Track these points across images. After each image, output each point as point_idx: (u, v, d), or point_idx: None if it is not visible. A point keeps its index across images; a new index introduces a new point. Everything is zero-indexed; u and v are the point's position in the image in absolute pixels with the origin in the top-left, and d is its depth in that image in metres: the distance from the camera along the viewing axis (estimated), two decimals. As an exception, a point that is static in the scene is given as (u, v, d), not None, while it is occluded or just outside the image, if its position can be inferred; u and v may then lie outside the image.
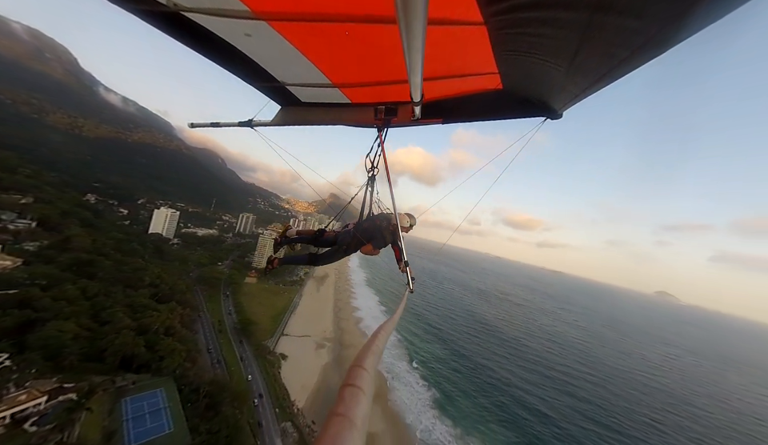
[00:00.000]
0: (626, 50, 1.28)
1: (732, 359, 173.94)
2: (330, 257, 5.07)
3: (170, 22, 1.94)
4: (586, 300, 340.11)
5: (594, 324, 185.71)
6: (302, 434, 45.63)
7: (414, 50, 1.00)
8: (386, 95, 3.09)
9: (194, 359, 42.40)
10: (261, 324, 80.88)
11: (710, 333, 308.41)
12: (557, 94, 2.15)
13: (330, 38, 2.04)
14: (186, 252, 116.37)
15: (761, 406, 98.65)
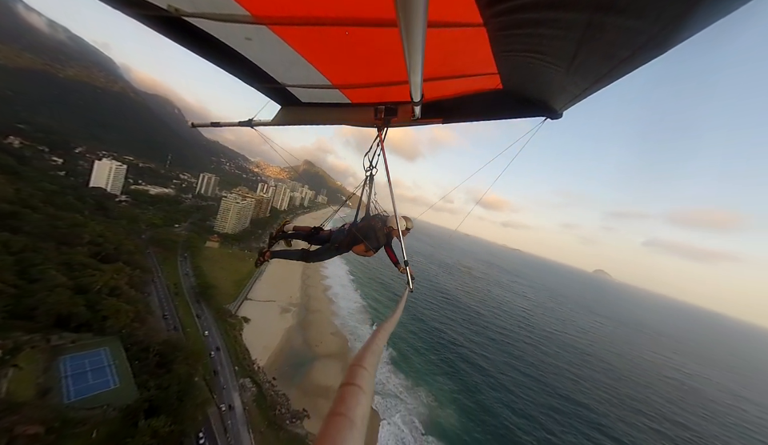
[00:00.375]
0: (627, 51, 1.27)
1: (645, 327, 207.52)
2: (321, 255, 5.06)
3: (171, 27, 1.93)
4: (536, 275, 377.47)
5: (538, 295, 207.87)
6: (261, 389, 47.52)
7: (414, 51, 1.01)
8: (386, 95, 3.09)
9: (143, 320, 40.85)
10: (222, 288, 79.08)
11: (632, 305, 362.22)
12: (557, 94, 2.16)
13: (330, 41, 2.04)
14: (137, 211, 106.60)
15: (656, 363, 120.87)
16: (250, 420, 40.73)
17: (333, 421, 0.66)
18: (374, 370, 0.94)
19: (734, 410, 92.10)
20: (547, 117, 2.38)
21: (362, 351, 1.04)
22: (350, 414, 0.68)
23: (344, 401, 0.73)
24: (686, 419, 76.24)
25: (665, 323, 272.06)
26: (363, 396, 0.77)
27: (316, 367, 63.25)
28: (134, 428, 25.47)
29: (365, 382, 0.83)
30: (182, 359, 34.29)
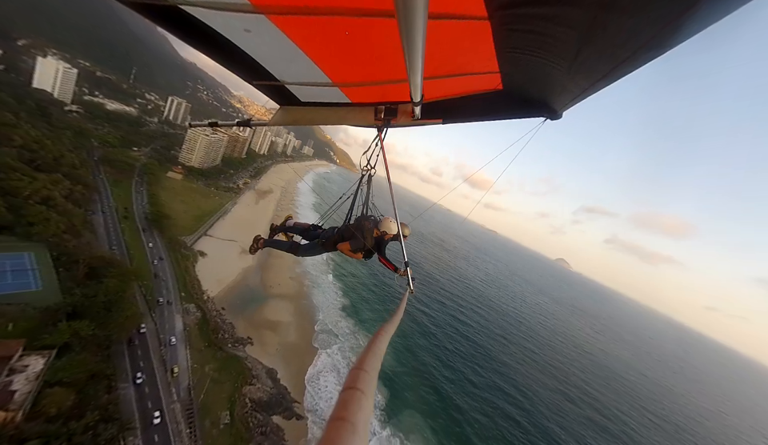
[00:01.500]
0: (628, 50, 1.27)
1: (582, 311, 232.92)
2: (309, 250, 5.08)
3: (167, 16, 1.86)
4: (501, 255, 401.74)
5: (498, 273, 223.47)
6: (205, 315, 49.51)
7: (414, 46, 0.98)
8: (387, 95, 3.04)
9: (77, 234, 39.55)
10: (179, 221, 77.07)
11: (578, 292, 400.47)
12: (557, 94, 2.14)
13: (330, 34, 1.98)
14: (89, 126, 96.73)
15: (581, 340, 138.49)
16: (190, 339, 43.00)
17: (334, 426, 0.65)
18: (375, 373, 0.92)
19: (622, 376, 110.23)
20: (547, 117, 2.39)
21: (363, 355, 1.01)
22: (351, 419, 0.67)
23: (345, 405, 0.72)
24: (588, 384, 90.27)
25: (600, 310, 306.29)
26: (365, 400, 0.76)
27: (268, 305, 66.07)
28: (54, 327, 26.12)
29: (366, 386, 0.82)
30: (115, 275, 34.38)
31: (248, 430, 36.75)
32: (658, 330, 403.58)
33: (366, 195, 4.43)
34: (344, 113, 3.35)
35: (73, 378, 23.86)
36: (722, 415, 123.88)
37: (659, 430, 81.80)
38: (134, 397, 30.39)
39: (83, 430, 22.27)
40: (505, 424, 57.12)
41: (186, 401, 33.56)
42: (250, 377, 44.03)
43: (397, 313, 2.04)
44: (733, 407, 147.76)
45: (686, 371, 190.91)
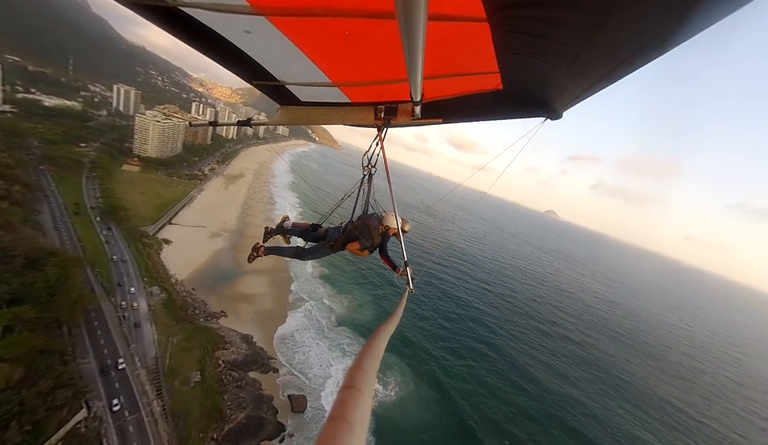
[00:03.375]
0: (628, 51, 1.26)
1: (566, 256, 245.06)
2: (315, 252, 4.90)
3: (167, 18, 1.85)
4: (490, 214, 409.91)
5: (485, 231, 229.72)
6: (171, 294, 50.84)
7: (414, 46, 0.97)
8: (387, 95, 3.01)
9: (14, 230, 38.91)
10: (139, 212, 75.55)
11: (564, 239, 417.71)
12: (557, 94, 2.13)
13: (330, 35, 1.96)
14: (25, 124, 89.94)
15: (560, 280, 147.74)
16: (155, 318, 44.59)
17: (332, 425, 0.65)
18: (374, 373, 0.92)
19: (596, 310, 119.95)
20: (547, 117, 2.39)
21: (361, 354, 1.01)
22: (349, 418, 0.67)
23: (343, 404, 0.72)
24: (562, 320, 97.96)
25: (582, 252, 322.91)
26: (363, 400, 0.76)
27: (242, 280, 67.58)
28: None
29: (364, 386, 0.82)
30: (56, 263, 34.64)
31: (222, 385, 39.74)
32: (639, 264, 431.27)
33: (368, 193, 4.42)
34: (344, 112, 3.35)
35: (18, 354, 25.10)
36: (685, 327, 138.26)
37: (624, 347, 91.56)
38: (96, 370, 32.28)
39: (35, 396, 24.01)
40: (474, 362, 62.55)
41: (152, 368, 35.78)
42: (222, 343, 46.53)
43: (396, 312, 2.03)
44: (698, 321, 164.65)
45: (657, 295, 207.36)
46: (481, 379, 57.06)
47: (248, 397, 40.31)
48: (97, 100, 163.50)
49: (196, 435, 32.38)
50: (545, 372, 65.82)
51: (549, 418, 53.13)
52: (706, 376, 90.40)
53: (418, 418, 45.98)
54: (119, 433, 27.73)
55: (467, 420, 47.92)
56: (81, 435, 25.71)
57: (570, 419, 54.29)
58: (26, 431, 22.43)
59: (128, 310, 42.66)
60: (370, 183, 4.33)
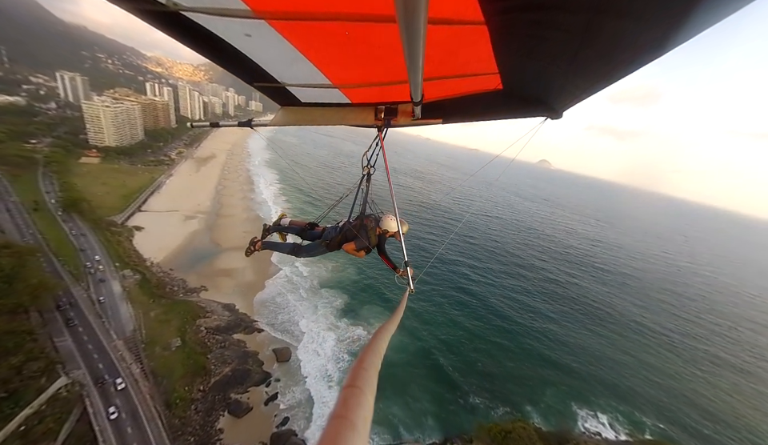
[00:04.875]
0: (626, 52, 1.26)
1: (551, 201, 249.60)
2: (311, 250, 4.89)
3: (169, 22, 1.84)
4: (481, 170, 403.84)
5: (472, 188, 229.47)
6: (145, 275, 51.81)
7: (414, 49, 0.98)
8: (387, 95, 3.01)
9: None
10: (104, 202, 73.77)
11: (555, 186, 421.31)
12: (557, 94, 2.13)
13: (330, 38, 1.96)
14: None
15: (549, 225, 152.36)
16: (130, 297, 45.86)
17: (334, 424, 0.66)
18: (375, 371, 0.93)
19: (579, 250, 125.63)
20: (547, 117, 2.37)
21: (363, 353, 1.02)
22: (351, 417, 0.68)
23: (345, 403, 0.73)
24: (544, 262, 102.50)
25: (569, 197, 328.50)
26: (365, 398, 0.77)
27: (221, 257, 68.41)
28: None
29: (366, 384, 0.82)
30: (11, 254, 34.73)
31: (205, 347, 42.25)
32: (626, 203, 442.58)
33: (366, 194, 4.39)
34: (344, 113, 3.34)
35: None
36: (661, 252, 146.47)
37: (603, 278, 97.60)
38: (73, 346, 33.94)
39: (7, 370, 25.53)
40: (452, 308, 66.22)
41: (130, 339, 37.69)
42: (203, 313, 48.52)
43: (397, 312, 2.02)
44: (672, 244, 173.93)
45: (641, 229, 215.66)
46: (457, 321, 60.40)
47: (233, 354, 43.12)
48: (42, 92, 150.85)
49: (181, 389, 35.21)
50: (519, 309, 70.59)
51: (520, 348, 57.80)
52: (681, 297, 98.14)
53: (390, 356, 49.88)
54: (102, 395, 30.04)
55: (440, 359, 51.14)
56: (63, 399, 27.84)
57: (542, 348, 58.95)
58: (1, 398, 24.18)
59: (103, 293, 43.69)
60: (368, 183, 4.31)
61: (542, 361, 54.03)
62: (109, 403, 29.46)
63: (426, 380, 46.60)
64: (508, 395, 45.52)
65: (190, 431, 32.51)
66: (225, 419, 35.38)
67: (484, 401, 44.20)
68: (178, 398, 34.37)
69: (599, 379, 52.82)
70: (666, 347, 66.92)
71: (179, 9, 1.70)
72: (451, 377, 47.48)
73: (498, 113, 2.81)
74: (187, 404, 34.59)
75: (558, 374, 51.65)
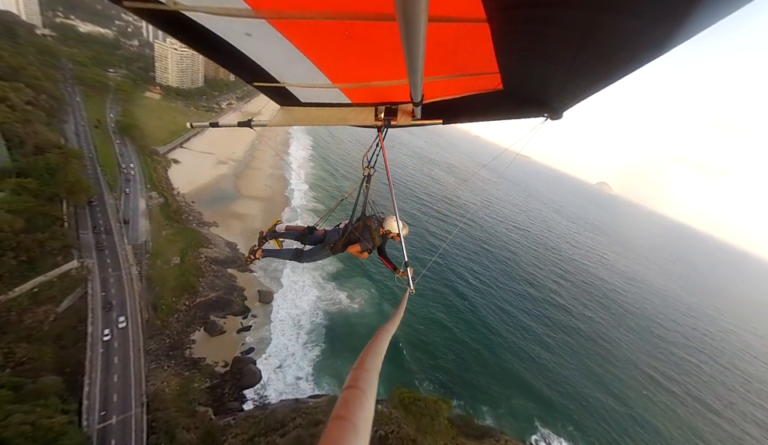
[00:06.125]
0: (628, 51, 1.29)
1: (599, 229, 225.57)
2: (314, 254, 4.96)
3: (169, 21, 1.89)
4: (525, 179, 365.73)
5: (511, 194, 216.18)
6: (168, 200, 58.11)
7: (414, 49, 0.99)
8: (387, 95, 3.03)
9: (31, 125, 45.73)
10: (153, 134, 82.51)
11: (607, 212, 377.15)
12: (557, 93, 2.13)
13: (330, 37, 2.00)
14: (62, 47, 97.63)
15: (582, 252, 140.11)
16: (151, 215, 52.03)
17: (335, 425, 0.65)
18: (376, 372, 0.94)
19: (609, 285, 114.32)
20: (548, 117, 2.39)
21: (363, 354, 1.03)
22: (352, 419, 0.67)
23: (346, 404, 0.73)
24: (558, 289, 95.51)
25: (622, 228, 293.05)
26: (366, 399, 0.76)
27: (238, 202, 74.11)
28: (3, 181, 33.73)
29: (367, 385, 0.82)
30: (60, 153, 41.13)
31: (200, 271, 47.01)
32: (700, 253, 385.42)
33: (367, 195, 4.40)
34: (345, 113, 3.35)
35: (20, 210, 31.98)
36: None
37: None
38: (92, 240, 39.94)
39: (32, 241, 31.06)
40: (441, 312, 65.06)
41: (139, 247, 43.19)
42: (207, 243, 53.59)
43: (397, 313, 2.01)
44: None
45: (717, 290, 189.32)
46: (437, 318, 58.17)
47: (222, 284, 47.49)
48: (129, 30, 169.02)
49: (168, 297, 40.00)
50: (512, 325, 67.06)
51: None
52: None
53: (370, 327, 51.05)
54: (102, 282, 35.34)
55: (405, 345, 50.33)
56: (71, 277, 33.30)
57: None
58: (22, 261, 29.66)
59: (129, 207, 50.25)
60: (369, 184, 4.29)
61: (515, 378, 51.13)
62: (105, 290, 34.70)
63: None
64: (460, 393, 44.38)
65: (167, 334, 37.16)
66: (199, 334, 39.72)
67: (431, 385, 43.45)
68: (164, 304, 39.18)
69: (577, 419, 48.17)
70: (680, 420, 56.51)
71: (179, 8, 1.70)
72: (406, 359, 47.29)
73: (499, 113, 2.78)
74: (171, 312, 39.31)
75: (524, 395, 48.41)
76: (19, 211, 31.86)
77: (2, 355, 24.28)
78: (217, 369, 36.58)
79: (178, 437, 25.34)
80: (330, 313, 51.13)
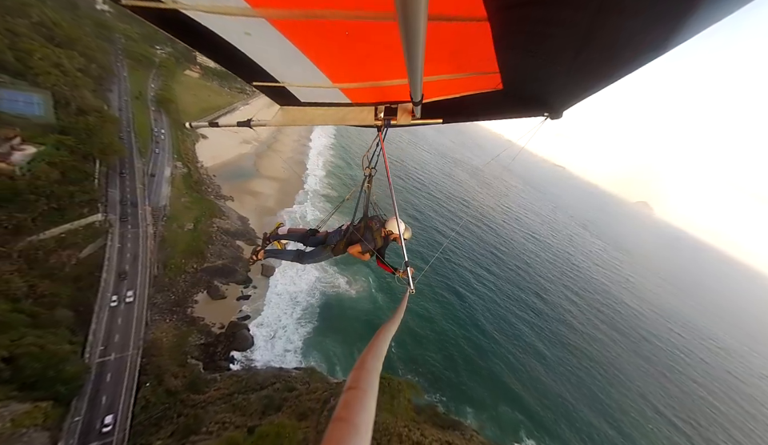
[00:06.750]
0: (628, 51, 1.29)
1: (628, 250, 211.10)
2: (315, 256, 5.00)
3: (168, 20, 1.90)
4: (557, 191, 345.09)
5: (538, 206, 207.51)
6: (190, 171, 61.96)
7: (414, 48, 0.97)
8: (387, 95, 3.03)
9: (77, 88, 50.51)
10: (187, 109, 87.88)
11: (640, 234, 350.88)
12: (557, 93, 2.14)
13: (330, 36, 2.01)
14: (117, 23, 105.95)
15: (607, 273, 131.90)
16: (173, 182, 55.83)
17: (336, 426, 0.65)
18: (377, 373, 0.93)
19: (630, 311, 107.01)
20: (548, 116, 2.39)
21: (364, 354, 1.03)
22: (353, 420, 0.67)
23: (347, 405, 0.72)
24: (570, 307, 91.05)
25: (655, 253, 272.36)
26: (367, 400, 0.76)
27: (256, 180, 77.53)
28: (46, 136, 37.73)
29: (368, 386, 0.82)
30: (98, 117, 45.11)
31: (210, 238, 49.98)
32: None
33: (368, 196, 4.37)
34: (344, 113, 3.33)
35: (56, 162, 35.67)
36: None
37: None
38: (117, 197, 43.72)
39: (64, 192, 34.63)
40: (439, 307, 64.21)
41: (158, 209, 46.64)
42: (221, 214, 56.67)
43: (397, 313, 2.03)
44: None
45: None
46: (432, 317, 57.82)
47: (229, 253, 50.15)
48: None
49: (178, 258, 43.00)
50: (511, 336, 65.02)
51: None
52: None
53: (363, 314, 51.70)
54: (121, 235, 38.71)
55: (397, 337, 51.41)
56: (95, 228, 36.79)
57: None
58: (53, 208, 33.20)
59: (156, 169, 54.47)
60: (370, 185, 4.28)
61: (506, 386, 49.63)
62: (123, 243, 38.07)
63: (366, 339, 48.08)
64: (443, 388, 43.74)
65: (173, 291, 40.08)
66: (202, 296, 42.43)
67: (414, 376, 42.80)
68: (174, 264, 42.18)
69: (567, 439, 46.09)
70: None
71: (179, 7, 1.69)
72: (391, 346, 46.77)
73: (499, 113, 2.80)
74: (179, 272, 42.28)
75: (513, 405, 46.95)
76: (56, 164, 35.55)
77: (27, 286, 27.53)
78: (213, 329, 38.99)
79: (165, 381, 27.57)
80: (327, 295, 52.40)
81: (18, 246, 29.31)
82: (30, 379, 20.88)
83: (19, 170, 32.21)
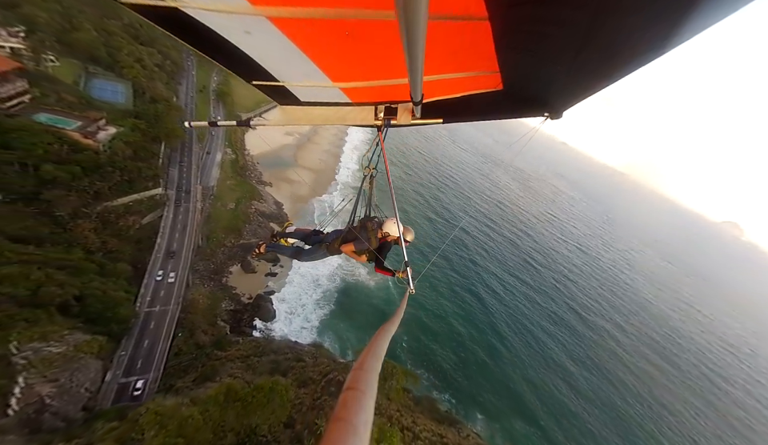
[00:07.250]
0: (629, 51, 1.30)
1: (701, 275, 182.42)
2: (312, 253, 5.11)
3: (167, 18, 1.90)
4: (610, 200, 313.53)
5: (590, 217, 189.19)
6: (237, 157, 68.47)
7: (414, 47, 0.96)
8: (387, 95, 3.02)
9: (153, 81, 58.92)
10: (242, 102, 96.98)
11: (726, 263, 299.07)
12: (557, 93, 2.12)
13: (331, 35, 2.00)
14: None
15: (663, 294, 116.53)
16: (222, 166, 62.32)
17: (335, 427, 0.65)
18: (376, 374, 0.93)
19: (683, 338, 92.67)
20: (548, 116, 2.37)
21: (363, 355, 1.03)
22: (352, 420, 0.67)
23: (346, 406, 0.72)
24: (610, 329, 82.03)
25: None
26: (366, 401, 0.76)
27: (293, 169, 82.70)
28: (125, 120, 44.92)
29: (367, 386, 0.82)
30: (165, 105, 52.30)
31: (248, 218, 54.97)
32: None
33: (369, 196, 4.36)
34: (344, 112, 3.32)
35: (131, 142, 42.33)
36: None
37: None
38: (176, 175, 50.33)
39: (134, 168, 41.05)
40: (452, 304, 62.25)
41: (207, 188, 52.58)
42: (259, 198, 61.89)
43: (397, 313, 2.01)
44: None
45: None
46: (446, 315, 56.17)
47: (263, 233, 54.51)
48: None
49: (219, 233, 48.18)
50: (535, 346, 60.63)
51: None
52: None
53: (377, 305, 52.41)
54: (175, 208, 44.63)
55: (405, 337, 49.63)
56: (155, 200, 42.94)
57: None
58: (125, 179, 39.50)
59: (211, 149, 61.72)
60: (371, 186, 4.25)
61: (519, 400, 46.60)
62: (176, 214, 43.94)
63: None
64: (454, 389, 42.72)
65: (213, 261, 45.08)
66: (236, 268, 47.01)
67: (421, 371, 42.36)
68: (215, 238, 47.37)
69: None
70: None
71: (179, 5, 1.70)
72: (397, 348, 46.45)
73: (499, 112, 2.83)
74: (219, 245, 47.38)
75: (532, 424, 43.89)
76: (130, 143, 42.18)
77: (100, 242, 33.39)
78: (242, 299, 43.11)
79: (196, 336, 31.49)
80: (347, 282, 54.22)
81: (96, 209, 35.60)
82: (92, 316, 25.60)
83: (102, 147, 38.82)
